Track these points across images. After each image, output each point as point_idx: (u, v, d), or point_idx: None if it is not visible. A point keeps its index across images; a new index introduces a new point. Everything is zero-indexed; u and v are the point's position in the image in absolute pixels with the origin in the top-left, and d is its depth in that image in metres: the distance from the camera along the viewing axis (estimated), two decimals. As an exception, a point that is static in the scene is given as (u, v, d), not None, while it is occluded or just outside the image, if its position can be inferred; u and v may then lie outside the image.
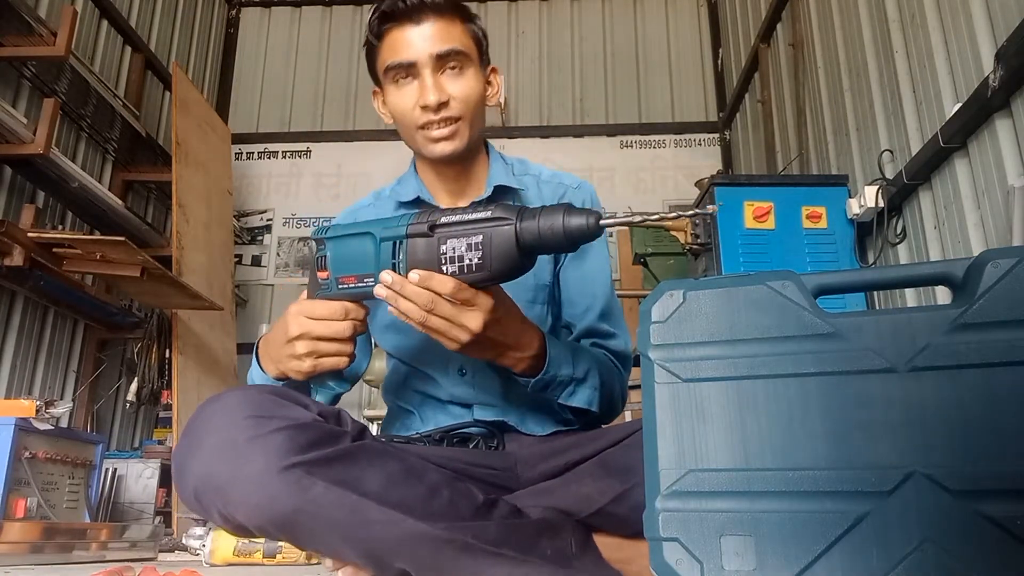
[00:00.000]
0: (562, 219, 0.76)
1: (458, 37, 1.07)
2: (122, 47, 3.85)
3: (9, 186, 2.94)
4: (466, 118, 1.08)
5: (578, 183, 1.22)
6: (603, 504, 0.91)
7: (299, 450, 0.77)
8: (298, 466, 0.76)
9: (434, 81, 1.05)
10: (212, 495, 0.77)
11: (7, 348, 2.98)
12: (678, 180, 4.54)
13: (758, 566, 0.61)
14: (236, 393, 0.83)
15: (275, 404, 0.81)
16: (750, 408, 0.65)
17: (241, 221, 4.57)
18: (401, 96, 1.08)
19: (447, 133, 1.06)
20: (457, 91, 1.06)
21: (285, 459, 0.76)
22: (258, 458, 0.76)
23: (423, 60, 1.05)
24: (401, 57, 1.05)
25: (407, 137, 1.11)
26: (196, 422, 0.81)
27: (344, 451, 0.80)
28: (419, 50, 1.04)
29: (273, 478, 0.75)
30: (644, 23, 4.91)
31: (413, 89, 1.06)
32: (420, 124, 1.06)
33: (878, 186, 2.43)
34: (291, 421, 0.79)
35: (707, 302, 0.69)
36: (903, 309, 0.65)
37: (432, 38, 1.05)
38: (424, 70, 1.05)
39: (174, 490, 3.00)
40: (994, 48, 1.86)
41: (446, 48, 1.05)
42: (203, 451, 0.78)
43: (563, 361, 0.98)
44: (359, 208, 1.23)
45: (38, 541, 1.92)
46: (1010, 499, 0.57)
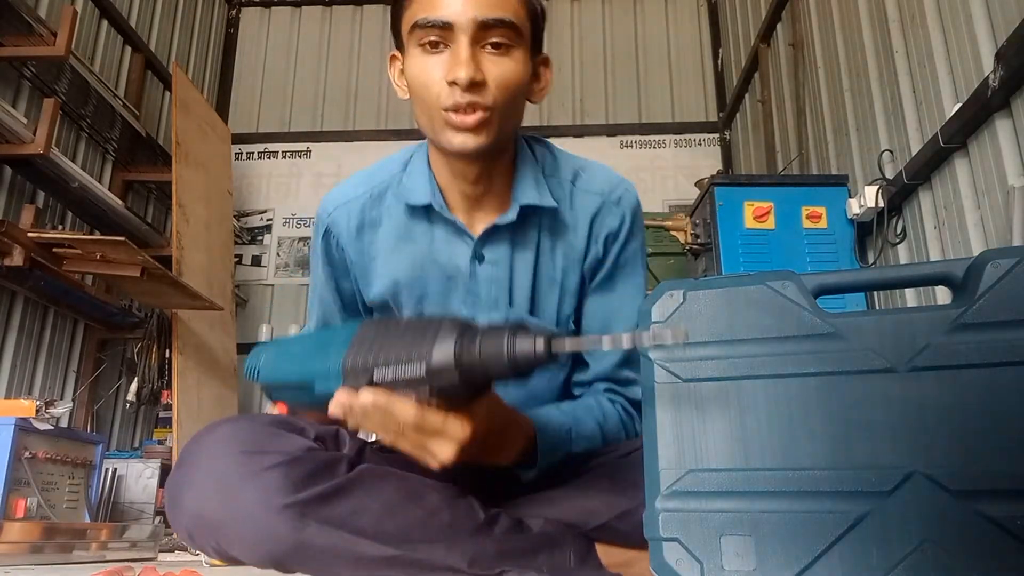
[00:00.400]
0: (506, 345, 0.65)
1: (512, 7, 0.87)
2: (122, 47, 3.85)
3: (9, 186, 2.94)
4: (499, 109, 0.87)
5: (618, 194, 1.01)
6: (608, 519, 0.89)
7: (293, 488, 0.75)
8: (292, 507, 0.74)
9: (471, 53, 0.84)
10: (206, 533, 0.76)
11: (7, 348, 2.98)
12: (678, 180, 4.54)
13: (758, 566, 0.61)
14: (228, 426, 0.81)
15: (268, 435, 0.79)
16: (750, 408, 0.65)
17: (241, 221, 4.57)
18: (426, 65, 0.87)
19: (472, 123, 0.85)
20: (496, 74, 0.86)
21: (279, 499, 0.74)
22: (252, 498, 0.74)
23: (462, 23, 0.84)
24: (435, 14, 0.84)
25: (424, 120, 0.91)
26: (189, 457, 0.79)
27: (339, 485, 0.78)
28: (459, 10, 0.84)
29: (267, 519, 0.74)
30: (644, 23, 4.91)
31: (442, 60, 0.86)
32: (445, 105, 0.85)
33: (878, 186, 2.43)
34: (285, 456, 0.77)
35: (707, 302, 0.69)
36: (903, 309, 0.65)
37: (481, 1, 0.84)
38: (461, 36, 0.84)
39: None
40: (994, 48, 1.86)
41: (494, 16, 0.84)
42: (196, 488, 0.77)
43: (558, 446, 0.88)
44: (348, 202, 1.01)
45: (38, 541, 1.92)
46: (1010, 499, 0.57)
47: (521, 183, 0.96)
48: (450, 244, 0.98)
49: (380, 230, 1.01)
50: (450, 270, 0.98)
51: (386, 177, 1.01)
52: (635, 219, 1.02)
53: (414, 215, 0.98)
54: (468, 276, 0.97)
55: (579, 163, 1.03)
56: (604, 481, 0.91)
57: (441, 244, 0.98)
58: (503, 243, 0.97)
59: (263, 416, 0.85)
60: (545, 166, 1.01)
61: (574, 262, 1.00)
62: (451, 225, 0.97)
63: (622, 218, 1.00)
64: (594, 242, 0.99)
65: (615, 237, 1.00)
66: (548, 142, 1.06)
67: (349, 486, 0.79)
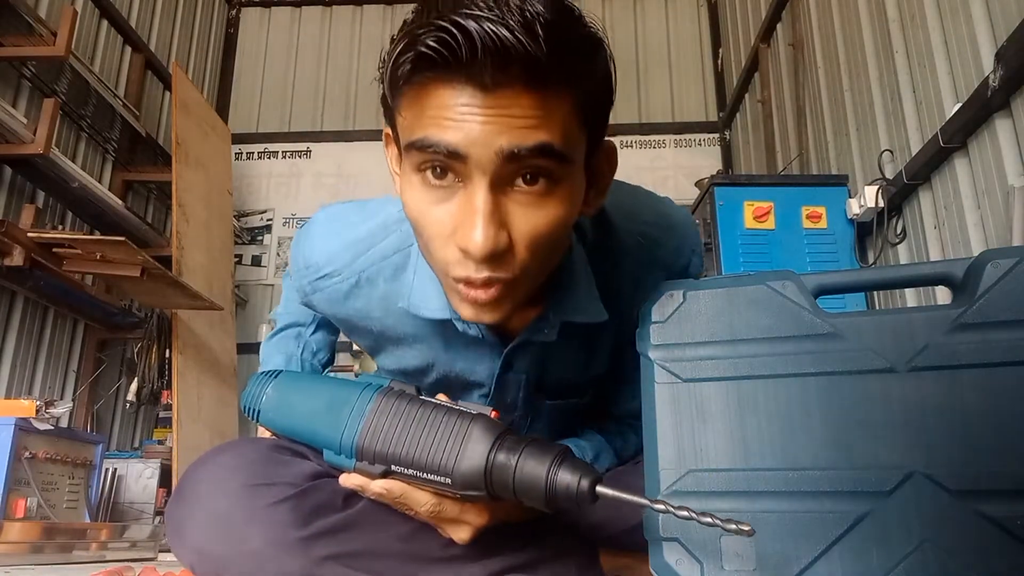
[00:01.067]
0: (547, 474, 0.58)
1: (560, 122, 0.58)
2: (122, 47, 3.85)
3: (9, 186, 2.94)
4: (528, 273, 0.63)
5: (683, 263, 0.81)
6: (614, 532, 0.88)
7: (300, 523, 0.72)
8: (301, 542, 0.72)
9: (492, 205, 0.58)
10: (210, 569, 0.74)
11: (7, 348, 2.98)
12: (678, 180, 4.54)
13: (758, 566, 0.61)
14: (229, 455, 0.76)
15: (272, 464, 0.75)
16: (750, 408, 0.65)
17: (241, 221, 4.57)
18: (428, 206, 0.61)
19: (485, 299, 0.62)
20: (528, 228, 0.60)
21: (287, 535, 0.72)
22: (257, 536, 0.71)
23: (482, 159, 0.57)
24: (442, 138, 0.57)
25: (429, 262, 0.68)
26: (189, 489, 0.75)
27: (350, 518, 0.75)
28: (478, 138, 0.56)
29: (274, 556, 0.72)
30: (644, 23, 4.91)
31: (450, 203, 0.60)
32: (454, 276, 0.62)
33: (878, 186, 2.43)
34: (291, 488, 0.74)
35: (707, 302, 0.69)
36: (903, 309, 0.65)
37: (511, 121, 0.56)
38: (479, 177, 0.58)
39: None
40: (994, 48, 1.86)
41: (531, 143, 0.57)
42: (198, 525, 0.73)
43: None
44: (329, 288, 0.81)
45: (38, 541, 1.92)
46: (1010, 499, 0.57)
47: (566, 293, 0.74)
48: (470, 348, 0.82)
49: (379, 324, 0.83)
50: (469, 374, 0.85)
51: (377, 258, 0.79)
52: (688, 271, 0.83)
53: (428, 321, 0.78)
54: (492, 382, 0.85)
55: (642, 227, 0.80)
56: None
57: (459, 347, 0.82)
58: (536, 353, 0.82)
59: (264, 441, 0.80)
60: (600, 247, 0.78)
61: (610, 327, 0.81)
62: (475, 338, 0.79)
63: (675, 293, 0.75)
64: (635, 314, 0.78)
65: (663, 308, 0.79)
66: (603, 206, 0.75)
67: (359, 517, 0.76)
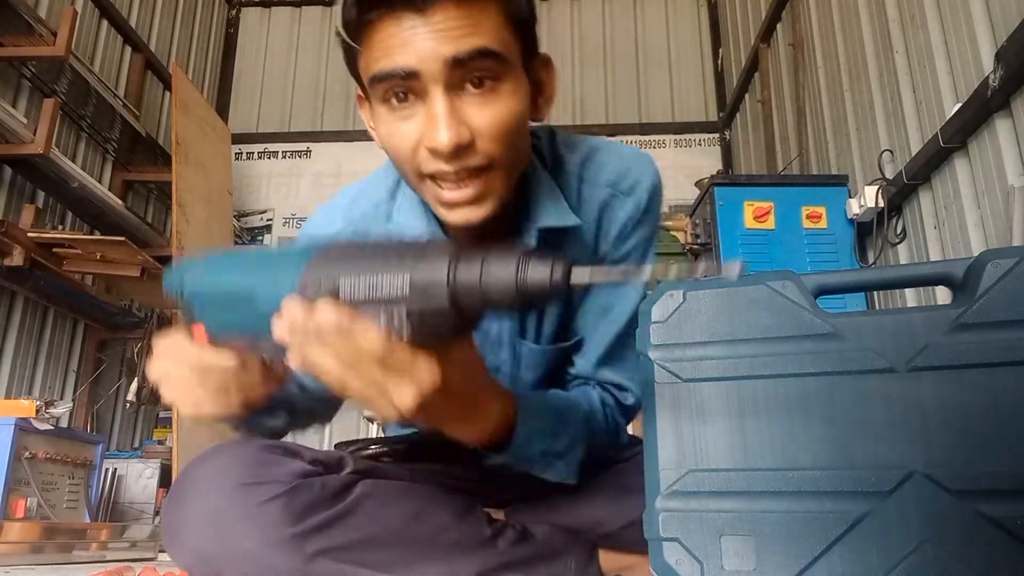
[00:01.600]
0: (516, 271, 0.53)
1: (491, 28, 0.68)
2: (122, 47, 3.85)
3: (9, 186, 2.94)
4: (501, 163, 0.71)
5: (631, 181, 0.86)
6: (613, 528, 0.88)
7: (292, 520, 0.72)
8: (293, 538, 0.72)
9: (448, 107, 0.67)
10: (205, 570, 0.74)
11: (7, 348, 2.98)
12: (678, 180, 4.54)
13: (758, 566, 0.61)
14: (221, 456, 0.76)
15: (264, 463, 0.75)
16: (750, 408, 0.65)
17: (241, 221, 4.57)
18: (397, 127, 0.71)
19: (472, 195, 0.70)
20: (486, 122, 0.69)
21: (279, 532, 0.72)
22: (251, 535, 0.72)
23: (431, 69, 0.66)
24: (394, 62, 0.67)
25: (408, 183, 0.78)
26: (183, 491, 0.75)
27: (341, 512, 0.75)
28: (425, 53, 0.66)
29: (267, 554, 0.72)
30: (644, 23, 4.91)
31: (415, 118, 0.69)
32: (427, 172, 0.71)
33: (878, 186, 2.43)
34: (283, 486, 0.73)
35: (707, 302, 0.69)
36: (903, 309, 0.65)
37: (447, 33, 0.66)
38: (433, 87, 0.67)
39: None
40: (994, 48, 1.86)
41: (469, 48, 0.66)
42: (193, 527, 0.74)
43: (536, 437, 0.75)
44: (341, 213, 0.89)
45: (38, 541, 1.92)
46: (1010, 499, 0.57)
47: (536, 202, 0.81)
48: None
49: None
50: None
51: (368, 206, 0.88)
52: (649, 207, 0.87)
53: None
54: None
55: (587, 149, 0.88)
56: (611, 489, 0.89)
57: None
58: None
59: (255, 442, 0.80)
60: (551, 161, 0.86)
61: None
62: None
63: (635, 207, 0.85)
64: (603, 240, 0.87)
65: (624, 230, 0.86)
66: (554, 132, 0.91)
67: (351, 512, 0.76)
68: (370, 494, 0.79)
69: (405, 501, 0.81)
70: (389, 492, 0.81)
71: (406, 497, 0.81)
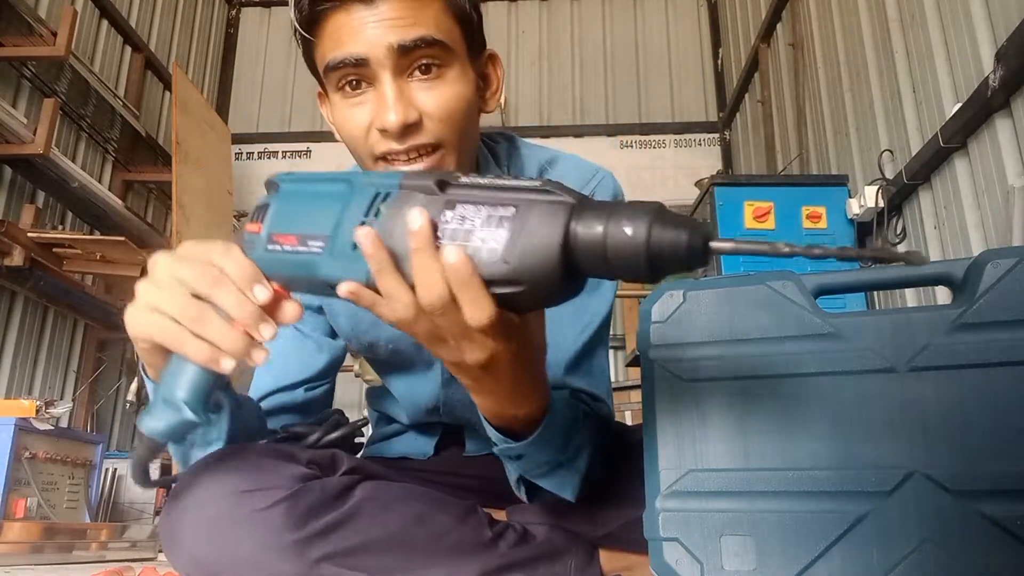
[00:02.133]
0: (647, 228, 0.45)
1: (432, 19, 0.74)
2: (122, 47, 3.85)
3: (9, 186, 2.94)
4: (449, 143, 0.76)
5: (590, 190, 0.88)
6: (612, 528, 0.87)
7: (294, 525, 0.72)
8: (296, 544, 0.71)
9: (396, 90, 0.72)
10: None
11: (7, 348, 2.98)
12: (678, 180, 4.54)
13: (758, 566, 0.61)
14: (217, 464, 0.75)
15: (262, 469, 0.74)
16: (750, 408, 0.65)
17: (241, 221, 4.57)
18: (350, 112, 0.75)
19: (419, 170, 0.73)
20: (432, 105, 0.74)
21: (281, 538, 0.71)
22: (251, 541, 0.71)
23: (378, 55, 0.72)
24: (344, 50, 0.72)
25: (362, 167, 0.80)
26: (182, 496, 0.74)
27: (343, 515, 0.75)
28: (372, 41, 0.72)
29: (268, 560, 0.71)
30: (644, 23, 4.91)
31: (367, 103, 0.75)
32: (379, 153, 0.75)
33: (878, 186, 2.43)
34: (284, 491, 0.72)
35: (707, 302, 0.69)
36: (903, 309, 0.65)
37: (392, 23, 0.72)
38: (380, 72, 0.73)
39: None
40: (994, 48, 1.86)
41: (412, 36, 0.72)
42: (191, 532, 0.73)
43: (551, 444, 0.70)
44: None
45: (38, 541, 1.92)
46: (1010, 499, 0.57)
47: None
48: None
49: None
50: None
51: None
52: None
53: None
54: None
55: (547, 156, 0.92)
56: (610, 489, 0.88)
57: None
58: None
59: (254, 447, 0.80)
60: (510, 166, 0.90)
61: None
62: None
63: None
64: None
65: None
66: (514, 137, 0.95)
67: (352, 516, 0.76)
68: (371, 496, 0.78)
69: (406, 504, 0.80)
70: (390, 494, 0.80)
71: (407, 499, 0.81)
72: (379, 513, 0.77)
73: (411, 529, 0.78)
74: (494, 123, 4.44)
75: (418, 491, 0.84)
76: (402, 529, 0.78)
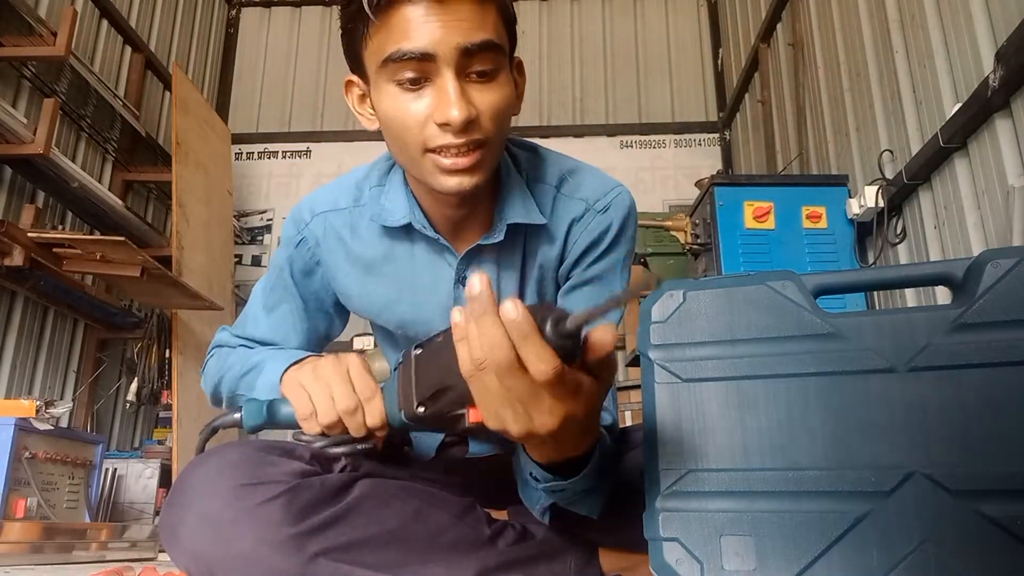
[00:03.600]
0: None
1: (493, 24, 0.77)
2: (122, 47, 3.85)
3: (9, 186, 2.94)
4: (493, 142, 0.80)
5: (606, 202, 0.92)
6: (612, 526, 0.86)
7: (292, 520, 0.72)
8: (293, 538, 0.72)
9: (459, 88, 0.75)
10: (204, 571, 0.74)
11: (7, 348, 2.98)
12: (678, 180, 4.54)
13: (758, 566, 0.61)
14: (219, 457, 0.77)
15: (262, 464, 0.75)
16: (750, 408, 0.65)
17: (241, 221, 4.57)
18: (406, 104, 0.77)
19: (468, 164, 0.78)
20: (487, 105, 0.77)
21: (278, 533, 0.72)
22: (249, 535, 0.71)
23: (445, 53, 0.74)
24: (412, 44, 0.73)
25: (404, 159, 0.83)
26: (181, 494, 0.76)
27: (342, 511, 0.76)
28: (439, 37, 0.73)
29: (266, 555, 0.71)
30: (644, 23, 4.91)
31: (425, 96, 0.76)
32: (433, 146, 0.77)
33: (878, 186, 2.43)
34: (283, 486, 0.73)
35: (707, 302, 0.69)
36: (903, 309, 0.65)
37: (460, 23, 0.74)
38: (445, 69, 0.75)
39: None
40: (994, 48, 1.86)
41: (478, 39, 0.75)
42: (190, 527, 0.73)
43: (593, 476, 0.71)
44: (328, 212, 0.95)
45: (38, 541, 1.92)
46: (1010, 499, 0.57)
47: (507, 199, 0.89)
48: (432, 266, 0.91)
49: (358, 247, 0.94)
50: (433, 294, 0.92)
51: (366, 192, 0.95)
52: (623, 229, 0.92)
53: (395, 236, 0.92)
54: (452, 301, 0.90)
55: (569, 167, 0.95)
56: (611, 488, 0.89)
57: (423, 266, 0.92)
58: (488, 263, 0.91)
59: (253, 442, 0.80)
60: (530, 173, 0.93)
61: (549, 271, 0.93)
62: (434, 243, 0.90)
63: (608, 226, 0.91)
64: (570, 250, 0.92)
65: (595, 245, 0.91)
66: (536, 145, 0.98)
67: (351, 511, 0.76)
68: (369, 494, 0.79)
69: (405, 501, 0.81)
70: (389, 491, 0.81)
71: (406, 497, 0.81)
72: (377, 509, 0.78)
73: (409, 525, 0.78)
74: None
75: (417, 488, 0.84)
76: (400, 525, 0.78)
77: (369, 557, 0.75)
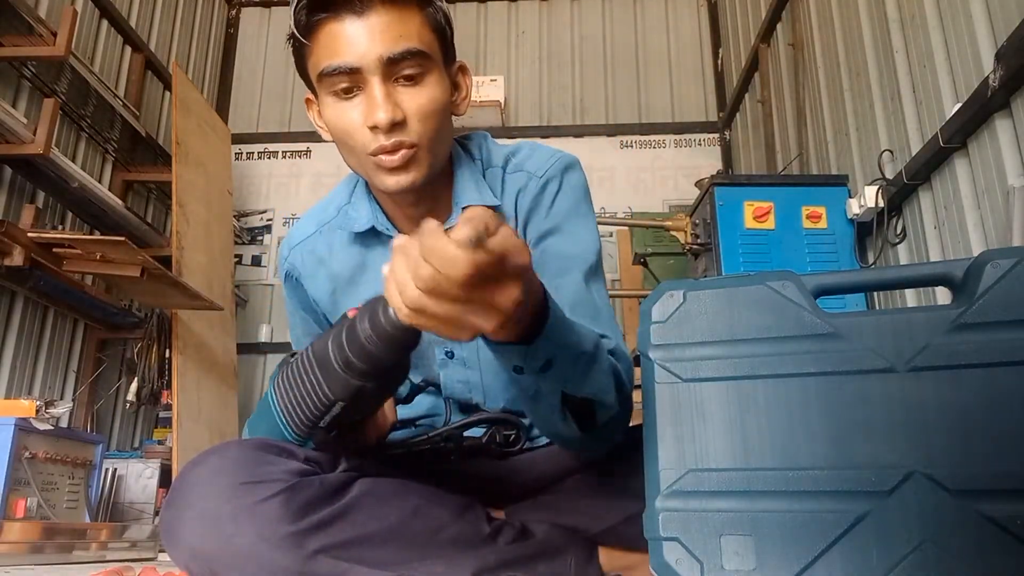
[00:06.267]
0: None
1: (416, 32, 0.83)
2: (122, 47, 3.85)
3: (9, 186, 2.94)
4: (425, 143, 0.85)
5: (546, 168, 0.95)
6: (613, 524, 0.88)
7: (292, 518, 0.73)
8: (293, 536, 0.72)
9: (385, 93, 0.82)
10: (204, 569, 0.74)
11: (7, 348, 2.98)
12: (678, 180, 4.54)
13: (758, 566, 0.61)
14: (218, 456, 0.77)
15: (261, 463, 0.76)
16: (750, 408, 0.65)
17: (241, 221, 4.57)
18: (342, 112, 0.84)
19: (400, 162, 0.83)
20: (414, 107, 0.83)
21: (278, 530, 0.72)
22: (248, 533, 0.72)
23: (369, 65, 0.81)
24: (339, 59, 0.82)
25: (354, 163, 0.89)
26: (180, 493, 0.76)
27: (341, 509, 0.76)
28: (363, 51, 0.81)
29: (265, 552, 0.72)
30: (644, 23, 4.91)
31: (358, 104, 0.83)
32: (370, 150, 0.83)
33: (878, 186, 2.43)
34: (282, 484, 0.74)
35: (707, 302, 0.69)
36: (903, 309, 0.65)
37: (381, 35, 0.81)
38: (371, 78, 0.82)
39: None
40: (994, 48, 1.86)
41: (400, 49, 0.82)
42: (189, 525, 0.74)
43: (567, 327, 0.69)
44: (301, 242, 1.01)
45: (38, 541, 1.92)
46: (1010, 499, 0.57)
47: (459, 186, 0.94)
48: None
49: (336, 264, 0.99)
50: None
51: (333, 211, 1.01)
52: (563, 181, 0.95)
53: (366, 243, 0.97)
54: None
55: (515, 146, 1.00)
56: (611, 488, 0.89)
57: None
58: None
59: (251, 441, 0.81)
60: (483, 160, 0.98)
61: None
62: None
63: (546, 182, 0.94)
64: (520, 217, 0.95)
65: (538, 203, 0.94)
66: (486, 135, 1.03)
67: (350, 509, 0.77)
68: (369, 491, 0.79)
69: (404, 498, 0.81)
70: (388, 489, 0.81)
71: (405, 494, 0.81)
72: (376, 507, 0.78)
73: (408, 522, 0.79)
74: (494, 124, 4.44)
75: (416, 486, 0.84)
76: (399, 522, 0.78)
77: (368, 554, 0.76)
